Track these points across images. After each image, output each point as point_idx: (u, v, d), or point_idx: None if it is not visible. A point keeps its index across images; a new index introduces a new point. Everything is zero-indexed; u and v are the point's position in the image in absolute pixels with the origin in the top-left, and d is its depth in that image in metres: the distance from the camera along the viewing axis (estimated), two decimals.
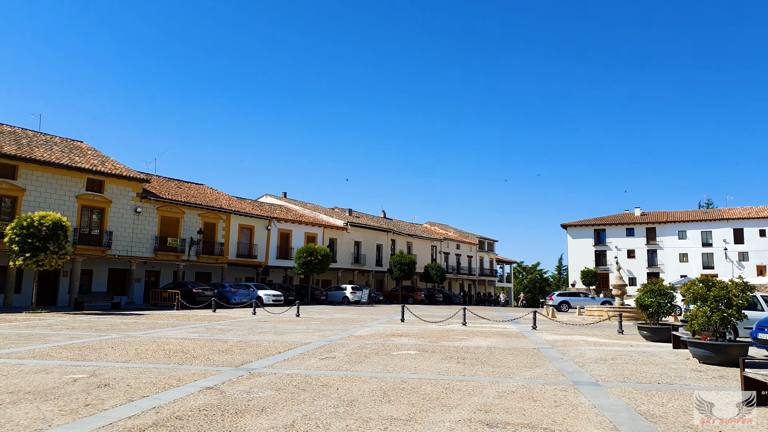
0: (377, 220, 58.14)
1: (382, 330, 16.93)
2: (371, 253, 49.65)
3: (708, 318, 10.33)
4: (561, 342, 14.30)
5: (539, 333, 17.09)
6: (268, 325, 18.17)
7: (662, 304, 14.56)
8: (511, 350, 12.14)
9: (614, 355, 11.55)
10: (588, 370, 9.45)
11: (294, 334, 14.92)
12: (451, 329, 17.69)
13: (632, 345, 13.71)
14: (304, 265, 34.82)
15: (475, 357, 10.80)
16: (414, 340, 13.84)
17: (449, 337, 15.05)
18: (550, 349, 12.62)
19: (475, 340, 14.36)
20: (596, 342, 14.40)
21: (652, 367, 9.93)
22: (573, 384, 7.96)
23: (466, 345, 13.00)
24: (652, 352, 12.17)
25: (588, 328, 19.05)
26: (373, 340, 13.80)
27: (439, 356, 10.78)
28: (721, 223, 62.05)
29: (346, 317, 23.07)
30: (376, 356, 10.60)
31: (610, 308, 25.90)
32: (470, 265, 69.44)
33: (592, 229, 68.52)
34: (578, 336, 16.17)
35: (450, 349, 12.13)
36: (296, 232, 41.32)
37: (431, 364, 9.74)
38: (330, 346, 12.14)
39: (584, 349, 12.76)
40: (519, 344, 13.53)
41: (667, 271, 63.00)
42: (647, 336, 14.69)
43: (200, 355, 10.20)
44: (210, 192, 39.26)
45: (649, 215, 68.37)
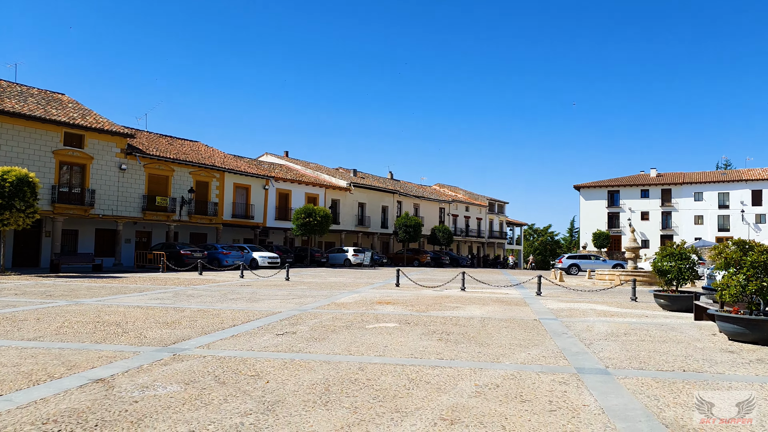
0: (383, 181, 56.32)
1: (370, 296, 15.41)
2: (376, 215, 48.04)
3: (743, 288, 8.59)
4: (566, 311, 12.66)
5: (543, 300, 15.47)
6: (248, 290, 16.72)
7: (683, 269, 12.80)
8: (507, 322, 10.53)
9: (627, 329, 9.89)
10: (596, 350, 7.80)
11: (268, 302, 13.43)
12: (447, 295, 16.12)
13: (647, 315, 12.04)
14: (303, 226, 33.30)
15: (463, 331, 9.19)
16: (400, 309, 12.28)
17: (442, 304, 13.48)
18: (553, 320, 10.99)
19: (470, 308, 12.77)
20: (606, 311, 12.75)
21: (674, 345, 8.26)
22: (576, 372, 6.32)
23: (457, 315, 11.41)
24: (672, 325, 10.49)
25: (598, 295, 17.40)
26: (354, 308, 12.26)
27: (420, 331, 9.18)
28: (739, 184, 59.47)
29: (340, 281, 21.61)
30: (345, 331, 9.03)
31: (622, 272, 24.19)
32: (479, 228, 67.78)
33: (606, 191, 66.21)
34: (586, 304, 14.53)
35: (437, 320, 10.54)
36: (296, 192, 39.70)
37: (407, 341, 8.14)
38: (298, 318, 10.61)
39: (592, 320, 11.11)
40: (518, 314, 11.92)
41: (681, 233, 60.85)
42: (664, 305, 13.00)
43: (133, 330, 8.69)
44: (204, 149, 37.58)
45: (665, 176, 65.83)
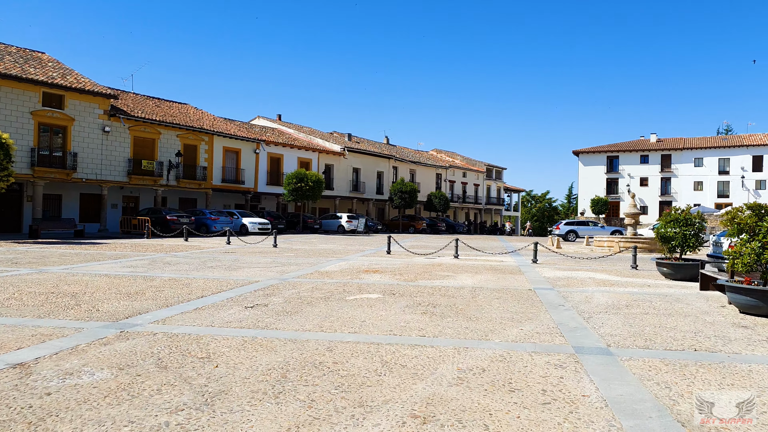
0: (379, 146, 55.15)
1: (358, 264, 14.67)
2: (371, 180, 47.10)
3: (758, 256, 7.81)
4: (564, 280, 11.95)
5: (540, 268, 14.76)
6: (230, 257, 15.97)
7: (688, 236, 12.04)
8: (500, 292, 9.79)
9: (629, 301, 9.17)
10: (596, 324, 7.06)
11: (248, 270, 12.68)
12: (439, 263, 15.39)
13: (650, 285, 11.32)
14: (294, 191, 32.40)
15: (451, 303, 8.44)
16: (387, 278, 11.54)
17: (432, 273, 12.74)
18: (549, 290, 10.26)
19: (462, 277, 12.03)
20: (606, 280, 12.04)
21: (681, 320, 7.54)
22: (574, 352, 5.58)
23: (446, 285, 10.67)
24: (677, 296, 9.77)
25: (596, 262, 16.69)
26: (338, 278, 11.51)
27: (404, 303, 8.44)
28: (740, 149, 58.44)
29: (330, 248, 20.87)
30: (322, 303, 8.28)
31: (621, 239, 23.47)
32: (477, 194, 66.97)
33: (605, 156, 65.16)
34: (585, 272, 13.81)
35: (425, 291, 9.79)
36: (288, 156, 38.66)
37: (388, 315, 7.39)
38: (275, 288, 9.86)
39: (591, 290, 10.39)
40: (512, 283, 11.19)
41: (680, 199, 60.15)
42: (667, 273, 12.27)
43: (88, 302, 7.92)
44: (193, 112, 36.36)
45: (665, 141, 64.69)
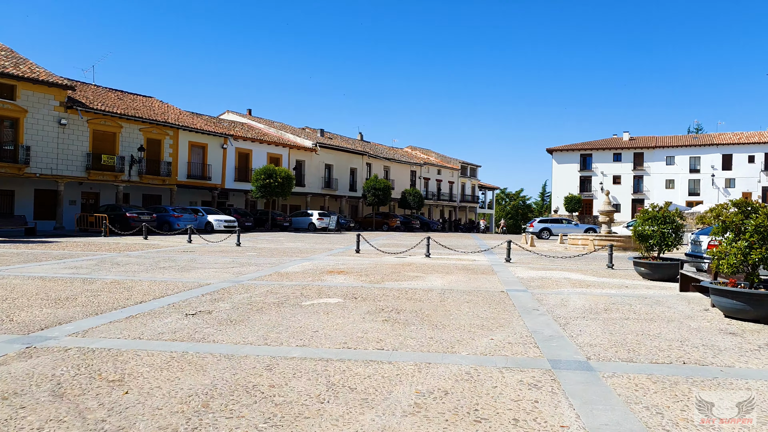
0: (352, 142, 54.28)
1: (323, 264, 13.88)
2: (344, 177, 46.22)
3: (744, 257, 7.27)
4: (538, 281, 11.35)
5: (513, 267, 14.17)
6: (187, 257, 15.03)
7: (666, 234, 11.54)
8: (470, 295, 9.12)
9: (607, 304, 8.58)
10: (573, 332, 6.43)
11: (202, 271, 11.80)
12: (409, 263, 14.70)
13: (627, 286, 10.78)
14: (263, 188, 31.37)
15: (417, 308, 7.73)
16: (352, 280, 10.79)
17: (401, 274, 12.03)
18: (522, 292, 9.63)
19: (431, 278, 11.34)
20: (582, 281, 11.48)
21: (664, 325, 6.95)
22: (550, 368, 4.92)
23: (414, 287, 9.96)
24: (656, 298, 9.23)
25: (571, 261, 16.19)
26: (298, 280, 10.72)
27: (366, 308, 7.69)
28: (710, 148, 59.12)
29: (297, 247, 20.02)
30: (274, 310, 7.49)
31: (596, 237, 23.10)
32: (452, 191, 66.61)
33: (579, 154, 65.35)
34: (559, 272, 13.26)
35: (390, 294, 9.06)
36: (257, 152, 37.54)
37: (345, 324, 6.64)
38: (226, 291, 9.03)
39: (567, 292, 9.79)
40: (484, 284, 10.54)
41: (652, 197, 60.61)
42: (645, 273, 11.77)
43: (5, 310, 6.99)
44: (158, 105, 35.00)
45: (638, 140, 65.17)
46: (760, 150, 56.71)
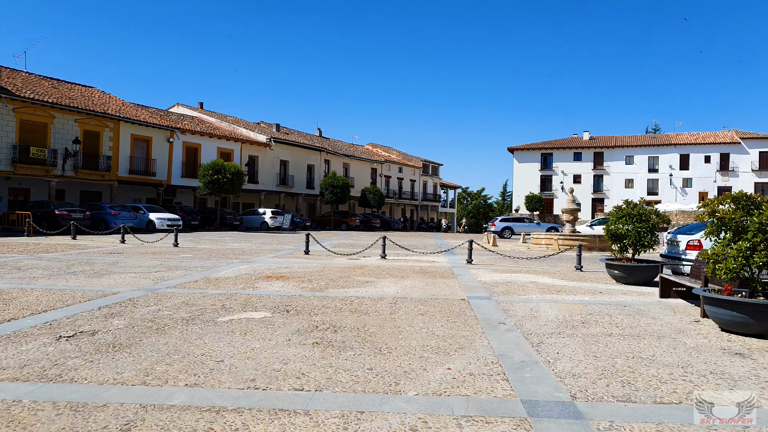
0: (310, 138, 52.51)
1: (263, 268, 12.35)
2: (301, 174, 44.46)
3: (746, 260, 6.14)
4: (502, 285, 10.11)
5: (475, 269, 12.93)
6: (110, 259, 13.25)
7: (642, 233, 10.47)
8: (426, 304, 7.78)
9: (584, 314, 7.36)
10: (550, 355, 5.15)
11: (118, 276, 10.13)
12: (362, 265, 13.29)
13: (602, 291, 9.64)
14: (210, 184, 29.43)
15: (360, 325, 6.33)
16: (290, 287, 9.31)
17: (349, 279, 10.61)
18: (486, 300, 8.34)
19: (384, 284, 9.96)
20: (551, 285, 10.29)
21: (656, 343, 5.76)
22: (526, 416, 3.63)
23: (362, 295, 8.56)
24: (638, 307, 8.08)
25: (536, 262, 15.07)
26: (227, 287, 9.18)
27: (296, 326, 6.25)
28: (668, 148, 59.80)
29: (241, 247, 18.36)
30: (179, 329, 5.97)
31: (559, 236, 22.21)
32: (413, 190, 65.54)
33: (539, 153, 65.24)
34: (525, 275, 12.09)
35: (331, 305, 7.63)
36: (207, 146, 35.45)
37: (263, 349, 5.19)
38: (133, 303, 7.45)
39: (536, 299, 8.56)
40: (443, 291, 9.22)
41: (612, 197, 60.94)
42: (619, 277, 10.66)
43: None
44: (99, 96, 32.58)
45: (598, 140, 65.49)
46: (716, 150, 57.61)
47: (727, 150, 57.17)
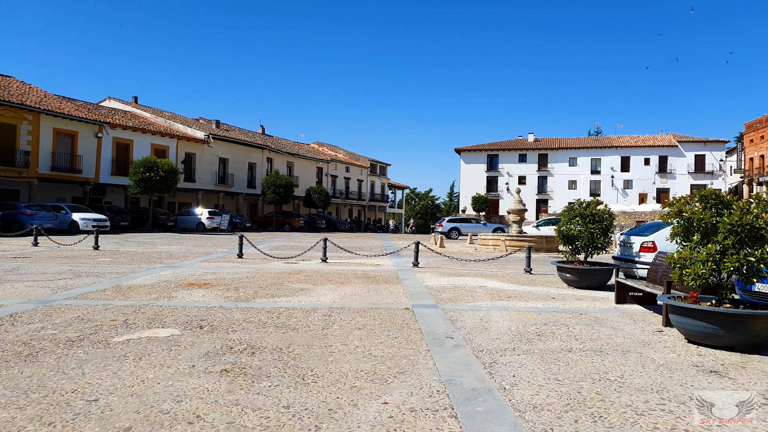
0: (252, 135, 50.74)
1: (188, 273, 11.15)
2: (242, 173, 42.74)
3: (716, 265, 5.54)
4: (450, 291, 9.34)
5: (421, 273, 12.15)
6: (9, 265, 11.72)
7: (596, 235, 9.92)
8: (366, 316, 6.88)
9: (539, 324, 6.65)
10: (505, 380, 4.36)
11: (11, 286, 8.77)
12: (299, 270, 12.28)
13: (554, 297, 9.00)
14: (142, 182, 27.56)
15: (284, 345, 5.37)
16: (212, 296, 8.23)
17: (282, 286, 9.59)
18: (432, 309, 7.53)
19: (320, 291, 9.00)
20: (501, 290, 9.60)
21: (620, 360, 5.09)
22: None
23: (294, 306, 7.58)
24: (594, 314, 7.46)
25: (485, 264, 14.44)
26: (138, 298, 8.00)
27: (207, 346, 5.23)
28: (609, 150, 61.36)
29: (169, 250, 16.95)
30: (57, 354, 4.85)
31: (507, 237, 21.80)
32: (360, 190, 64.65)
33: (486, 155, 65.68)
34: (473, 278, 11.39)
35: (255, 319, 6.62)
36: (140, 142, 33.36)
37: (156, 381, 4.15)
38: (14, 319, 6.24)
39: (486, 307, 7.82)
40: (386, 298, 8.36)
41: (556, 198, 62.05)
42: (572, 281, 10.08)
43: None
44: (17, 86, 30.04)
45: (542, 141, 66.54)
46: (655, 153, 59.50)
47: (666, 153, 59.16)
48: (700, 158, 58.35)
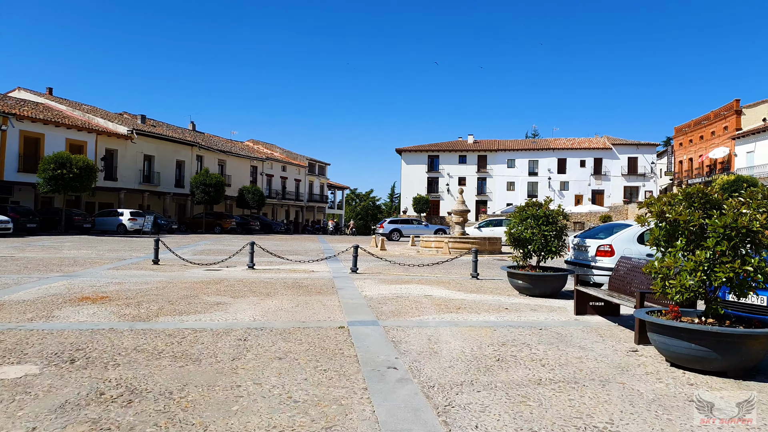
0: (181, 131, 48.08)
1: (85, 285, 9.52)
2: (169, 171, 40.17)
3: (706, 275, 4.69)
4: (392, 302, 8.22)
5: (360, 280, 10.99)
6: None
7: (549, 238, 9.07)
8: (290, 339, 5.65)
9: (497, 346, 5.64)
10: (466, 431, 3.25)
11: None
12: (220, 278, 10.85)
13: (507, 307, 8.06)
14: (53, 180, 24.99)
15: (176, 388, 4.06)
16: (104, 315, 6.77)
17: (195, 299, 8.19)
18: (371, 328, 6.39)
19: (239, 306, 7.67)
20: (448, 300, 8.58)
21: (601, 395, 4.14)
22: None
23: (202, 327, 6.24)
24: (556, 329, 6.55)
25: (429, 270, 13.44)
26: (4, 319, 6.43)
27: (65, 395, 3.87)
28: (547, 152, 62.33)
29: (76, 256, 15.02)
30: None
31: (449, 239, 20.99)
32: (298, 190, 62.78)
33: (427, 155, 65.35)
34: (418, 285, 10.35)
35: (147, 347, 5.26)
36: (53, 137, 30.44)
37: None
38: None
39: (434, 323, 6.75)
40: (317, 314, 7.15)
41: (494, 199, 62.46)
42: (524, 288, 9.18)
43: None
44: None
45: (482, 143, 66.91)
46: (590, 155, 60.91)
47: (600, 155, 60.67)
48: (632, 161, 60.19)
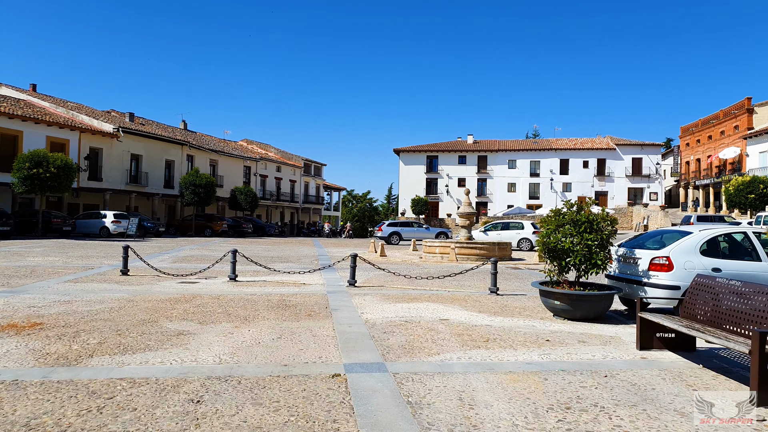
0: (172, 130, 46.27)
1: (22, 305, 7.79)
2: (158, 171, 38.35)
3: None
4: (400, 332, 6.51)
5: (360, 297, 9.27)
6: None
7: (594, 249, 7.35)
8: (264, 398, 3.93)
9: (560, 411, 3.96)
10: None
11: None
12: (194, 294, 9.12)
13: (548, 339, 6.36)
14: (28, 180, 23.21)
15: None
16: (17, 355, 5.08)
17: (154, 325, 6.47)
18: (376, 377, 4.69)
19: (206, 338, 5.96)
20: (471, 327, 6.87)
21: None
22: None
23: (146, 375, 4.51)
24: (624, 374, 4.87)
25: (439, 283, 11.69)
26: None
27: None
28: (548, 153, 60.71)
29: (35, 264, 13.25)
30: None
31: (456, 244, 19.25)
32: (293, 191, 60.99)
33: (425, 156, 63.64)
34: (429, 304, 8.64)
35: (53, 417, 3.53)
36: (32, 135, 28.61)
37: None
38: None
39: (460, 368, 5.06)
40: (304, 352, 5.44)
41: (495, 200, 60.83)
42: (562, 310, 7.46)
43: None
44: None
45: (482, 143, 65.24)
46: (593, 156, 59.31)
47: (604, 156, 59.06)
48: (637, 161, 58.61)
